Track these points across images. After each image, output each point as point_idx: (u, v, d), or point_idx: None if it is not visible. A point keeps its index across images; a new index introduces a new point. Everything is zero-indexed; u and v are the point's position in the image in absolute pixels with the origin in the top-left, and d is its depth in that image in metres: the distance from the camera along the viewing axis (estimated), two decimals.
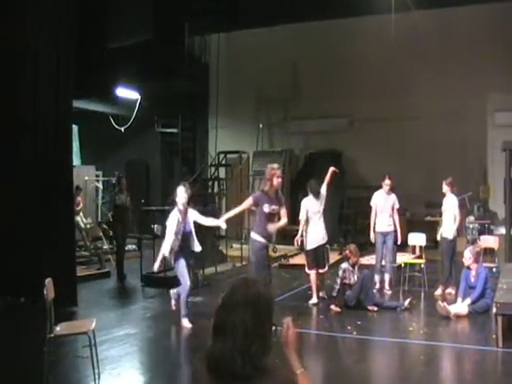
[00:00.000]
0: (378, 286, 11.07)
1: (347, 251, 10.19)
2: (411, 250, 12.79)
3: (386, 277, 11.14)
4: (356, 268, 10.00)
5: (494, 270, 11.02)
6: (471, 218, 15.15)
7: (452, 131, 16.14)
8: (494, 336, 7.68)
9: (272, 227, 8.40)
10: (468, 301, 9.20)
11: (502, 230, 12.66)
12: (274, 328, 2.16)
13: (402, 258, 11.83)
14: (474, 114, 16.12)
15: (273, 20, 15.99)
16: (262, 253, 8.46)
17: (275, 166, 8.73)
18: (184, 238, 8.56)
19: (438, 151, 16.33)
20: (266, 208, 8.35)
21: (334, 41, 17.37)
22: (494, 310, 7.68)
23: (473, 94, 15.87)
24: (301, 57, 18.05)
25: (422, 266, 11.34)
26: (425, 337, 8.19)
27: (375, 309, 9.51)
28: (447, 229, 10.57)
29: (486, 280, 9.45)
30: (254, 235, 8.48)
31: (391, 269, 11.20)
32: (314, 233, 10.16)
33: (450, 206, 10.58)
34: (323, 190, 10.27)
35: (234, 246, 15.19)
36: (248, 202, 8.63)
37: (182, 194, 8.63)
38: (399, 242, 11.17)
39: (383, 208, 11.09)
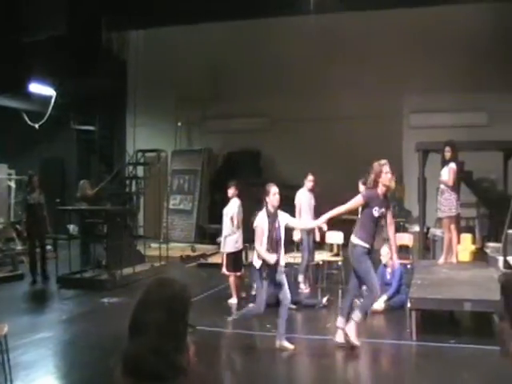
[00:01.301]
0: (304, 284, 11.16)
1: None
2: (329, 248, 12.97)
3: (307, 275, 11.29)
4: None
5: (409, 266, 11.31)
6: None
7: (370, 132, 16.45)
8: (408, 330, 7.88)
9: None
10: (384, 297, 9.42)
11: (416, 228, 13.00)
12: (192, 328, 2.12)
13: (320, 256, 11.97)
14: (391, 115, 16.51)
15: (191, 18, 15.86)
16: (366, 258, 7.36)
17: (383, 161, 7.64)
18: (273, 247, 7.39)
19: (357, 151, 16.56)
20: (376, 212, 7.32)
21: (254, 40, 17.41)
22: (409, 305, 7.88)
23: (390, 96, 16.24)
24: (221, 56, 18.00)
25: (340, 263, 11.52)
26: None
27: (294, 306, 9.57)
28: None
29: (401, 276, 9.71)
30: (356, 239, 7.42)
31: (312, 267, 11.36)
32: (239, 236, 10.16)
33: None
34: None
35: (153, 245, 15.01)
36: (357, 201, 7.53)
37: (275, 195, 7.45)
38: (318, 239, 11.33)
39: (308, 206, 11.21)
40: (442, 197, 10.07)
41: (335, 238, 12.11)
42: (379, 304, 9.32)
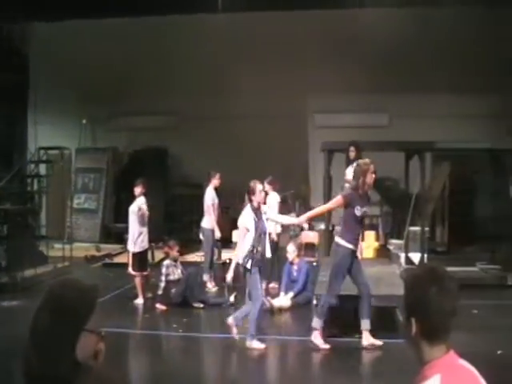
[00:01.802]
0: (209, 283, 11.09)
1: (166, 248, 10.26)
2: (236, 246, 12.95)
3: (212, 274, 11.26)
4: (178, 262, 10.02)
5: (315, 263, 11.48)
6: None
7: (277, 131, 16.57)
8: None
9: None
10: (290, 294, 9.52)
11: (322, 226, 13.22)
12: (97, 333, 2.05)
13: (227, 255, 11.96)
14: (297, 114, 16.70)
15: (96, 13, 15.50)
16: (347, 261, 7.37)
17: (367, 160, 7.63)
18: (260, 240, 7.42)
19: (264, 150, 16.70)
20: (358, 211, 7.31)
21: (161, 37, 17.16)
22: (315, 301, 7.98)
23: (296, 96, 16.40)
24: (127, 52, 17.65)
25: None
26: None
27: (201, 306, 9.54)
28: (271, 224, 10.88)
29: (308, 274, 9.84)
30: (340, 240, 7.44)
31: (219, 265, 11.34)
32: (145, 235, 10.06)
33: (272, 203, 10.91)
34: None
35: (56, 246, 14.56)
36: (337, 202, 7.58)
37: (261, 192, 7.54)
38: (219, 235, 11.32)
39: (216, 205, 11.21)
40: None
41: None
42: (286, 301, 9.41)
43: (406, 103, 16.19)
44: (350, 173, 10.22)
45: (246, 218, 7.45)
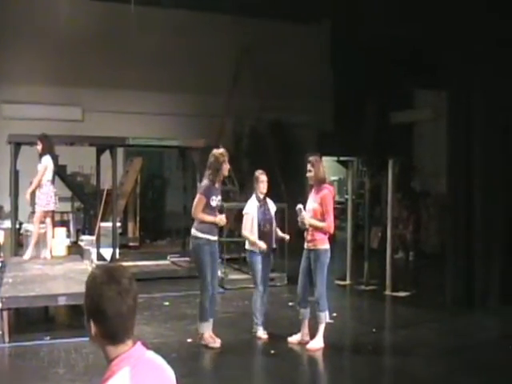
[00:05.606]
0: None
1: None
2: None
3: None
4: None
5: (0, 264, 10.83)
6: None
7: None
8: (0, 332, 7.49)
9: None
10: None
11: (8, 224, 12.51)
12: None
13: None
14: None
15: None
16: (208, 250, 7.23)
17: (221, 150, 7.40)
18: (265, 227, 7.59)
19: None
20: (213, 201, 7.27)
21: None
22: (0, 305, 7.49)
23: None
24: None
25: None
26: None
27: None
28: None
29: None
30: (197, 232, 7.26)
31: None
32: None
33: None
34: None
35: None
36: (201, 201, 7.24)
37: (263, 183, 7.68)
38: None
39: None
40: (39, 191, 9.82)
41: None
42: None
43: (100, 98, 16.19)
44: (41, 167, 9.78)
45: (249, 205, 7.72)
